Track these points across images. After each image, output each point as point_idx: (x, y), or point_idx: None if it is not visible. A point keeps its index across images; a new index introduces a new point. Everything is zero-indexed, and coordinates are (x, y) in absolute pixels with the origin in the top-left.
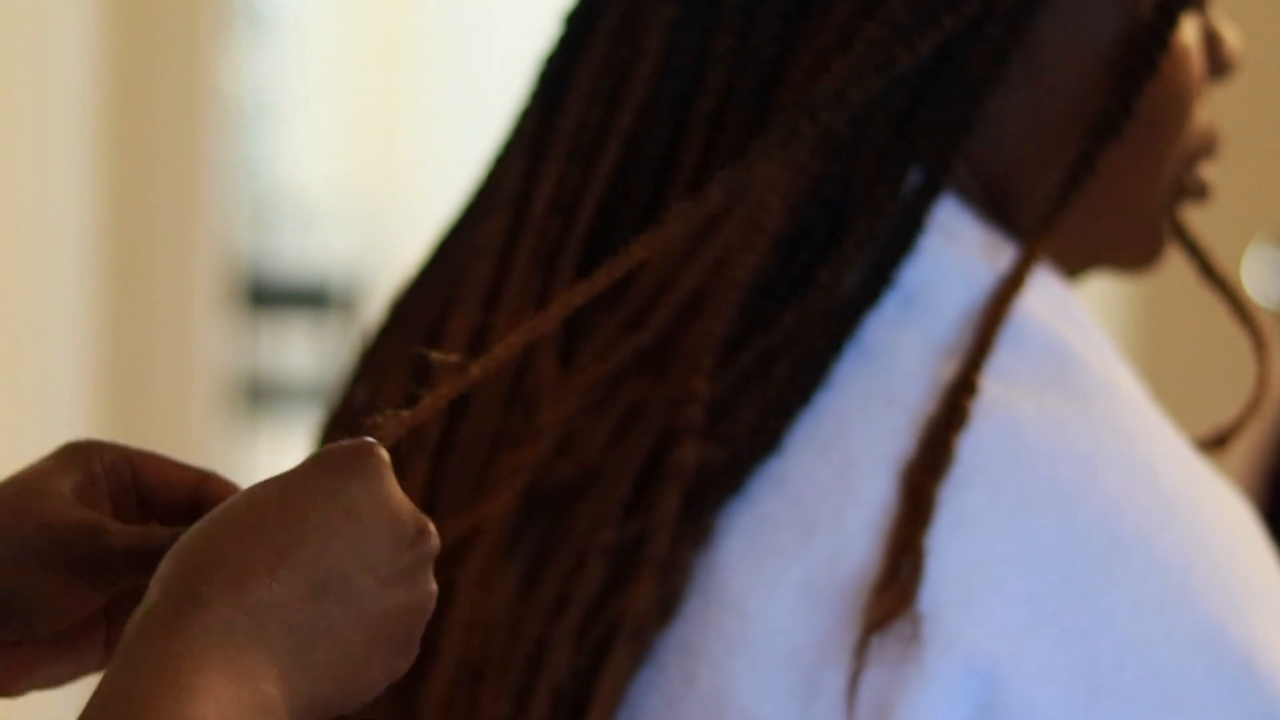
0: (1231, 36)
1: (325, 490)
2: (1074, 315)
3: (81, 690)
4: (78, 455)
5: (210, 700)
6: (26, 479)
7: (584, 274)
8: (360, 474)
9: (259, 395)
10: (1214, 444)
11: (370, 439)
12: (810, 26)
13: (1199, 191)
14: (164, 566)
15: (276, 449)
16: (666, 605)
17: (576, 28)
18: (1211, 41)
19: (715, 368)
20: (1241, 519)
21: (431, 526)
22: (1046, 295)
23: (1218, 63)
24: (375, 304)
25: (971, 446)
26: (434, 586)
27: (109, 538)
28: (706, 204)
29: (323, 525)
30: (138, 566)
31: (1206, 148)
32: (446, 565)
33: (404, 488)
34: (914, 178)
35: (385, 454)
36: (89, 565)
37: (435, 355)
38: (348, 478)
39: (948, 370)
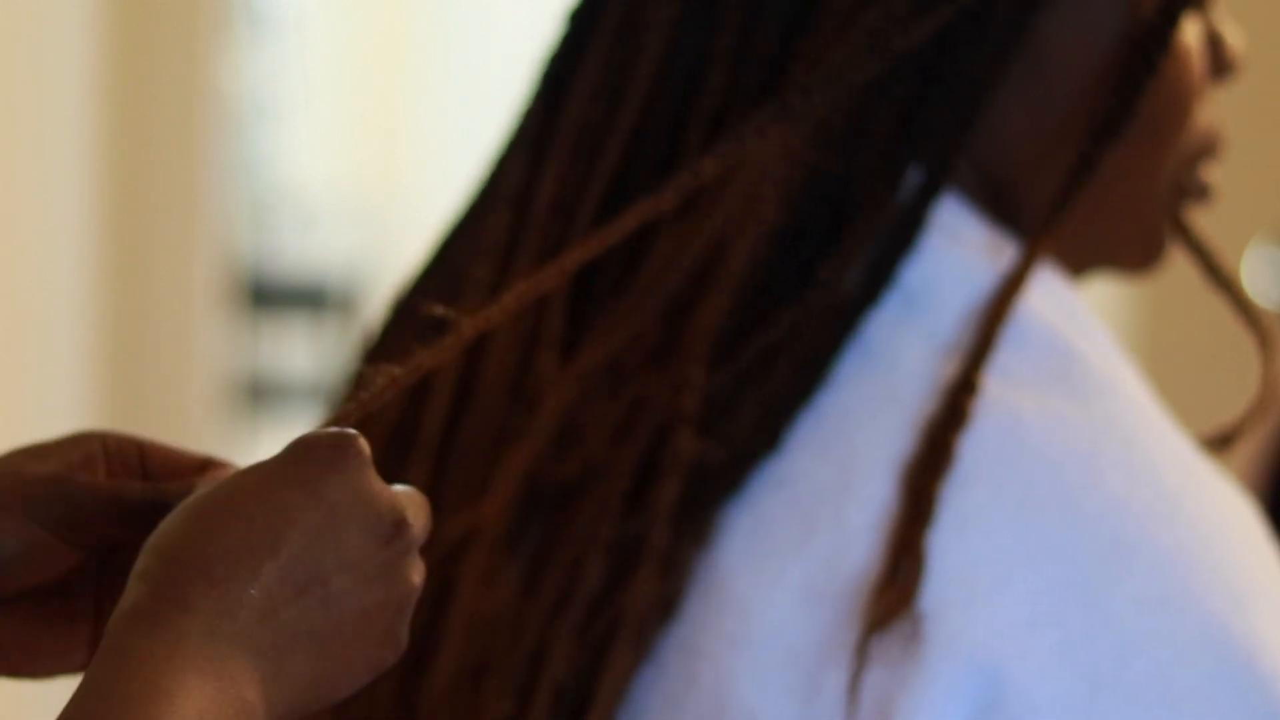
0: (1233, 37)
1: (304, 486)
2: (1077, 314)
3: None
4: (79, 436)
5: (190, 703)
6: (19, 448)
7: (586, 273)
8: (339, 468)
9: (259, 395)
10: (1218, 444)
11: (349, 430)
12: (811, 24)
13: (1200, 192)
14: (144, 561)
15: (276, 448)
16: (667, 604)
17: (578, 26)
18: (1213, 42)
19: (711, 357)
20: (1245, 519)
21: (410, 517)
22: (1049, 294)
23: (1219, 63)
24: (375, 304)
25: (973, 446)
26: (416, 578)
27: (76, 487)
28: (698, 177)
29: (302, 525)
30: (106, 520)
31: (1208, 148)
32: (448, 562)
33: (407, 484)
34: (915, 176)
35: (364, 446)
36: (59, 517)
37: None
38: (325, 472)
39: (949, 370)
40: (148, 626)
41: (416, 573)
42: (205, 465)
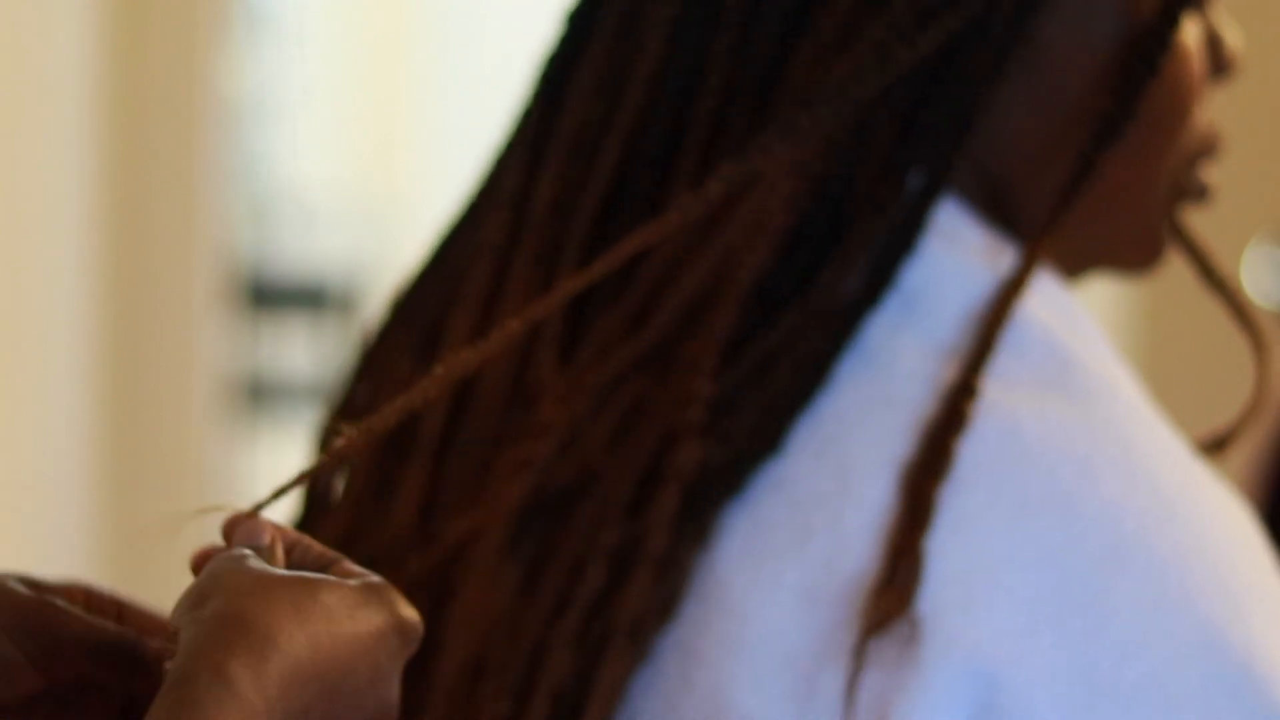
0: (1232, 37)
1: (384, 653)
2: (1075, 318)
3: None
4: (67, 581)
5: None
6: (9, 572)
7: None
8: (407, 650)
9: (258, 395)
10: (1214, 447)
11: (421, 623)
12: (811, 25)
13: (1199, 193)
14: (220, 630)
15: (276, 449)
16: (665, 606)
17: (577, 26)
18: (1212, 42)
19: (717, 368)
20: (1241, 522)
21: (394, 716)
22: (1047, 298)
23: (1218, 64)
24: (375, 304)
25: (971, 449)
26: None
27: (57, 614)
28: (705, 198)
29: (360, 687)
30: (80, 655)
31: (1207, 149)
32: (449, 564)
33: (406, 487)
34: (915, 179)
35: (420, 630)
36: (30, 637)
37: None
38: (401, 648)
39: (948, 373)
40: (228, 699)
41: None
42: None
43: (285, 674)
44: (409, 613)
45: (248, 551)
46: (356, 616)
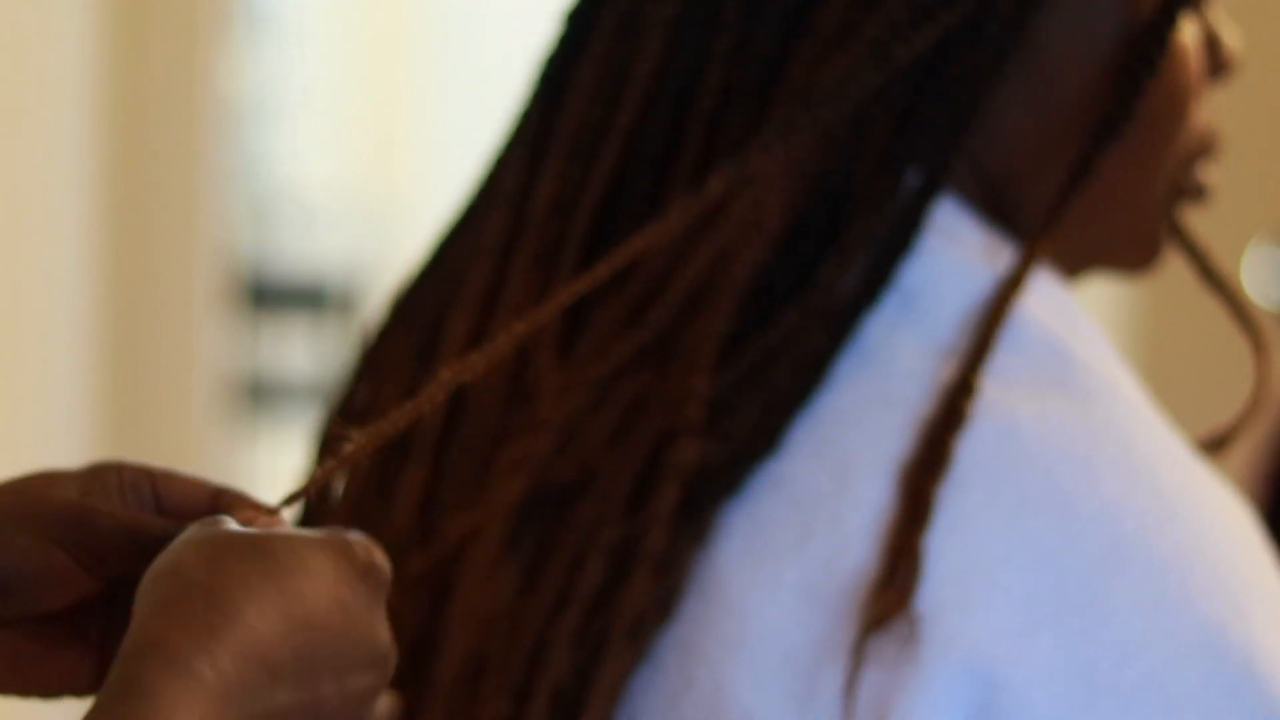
0: (1231, 37)
1: (339, 580)
2: (1074, 317)
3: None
4: (97, 466)
5: None
6: (38, 472)
7: (584, 272)
8: (371, 581)
9: (258, 395)
10: (1214, 446)
11: (383, 554)
12: (810, 24)
13: (1198, 193)
14: (166, 587)
15: (276, 449)
16: (665, 604)
17: (577, 26)
18: (1211, 42)
19: (715, 365)
20: (1241, 521)
21: (394, 658)
22: (1046, 297)
23: (1217, 64)
24: (375, 304)
25: (970, 448)
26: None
27: (99, 516)
28: (704, 198)
29: (326, 615)
30: (126, 552)
31: (1205, 149)
32: (448, 562)
33: (406, 484)
34: (913, 177)
35: (389, 575)
36: (82, 545)
37: (431, 358)
38: (359, 579)
39: (946, 371)
40: (166, 665)
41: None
42: (218, 496)
43: (243, 648)
44: (368, 553)
45: (219, 519)
46: (312, 571)
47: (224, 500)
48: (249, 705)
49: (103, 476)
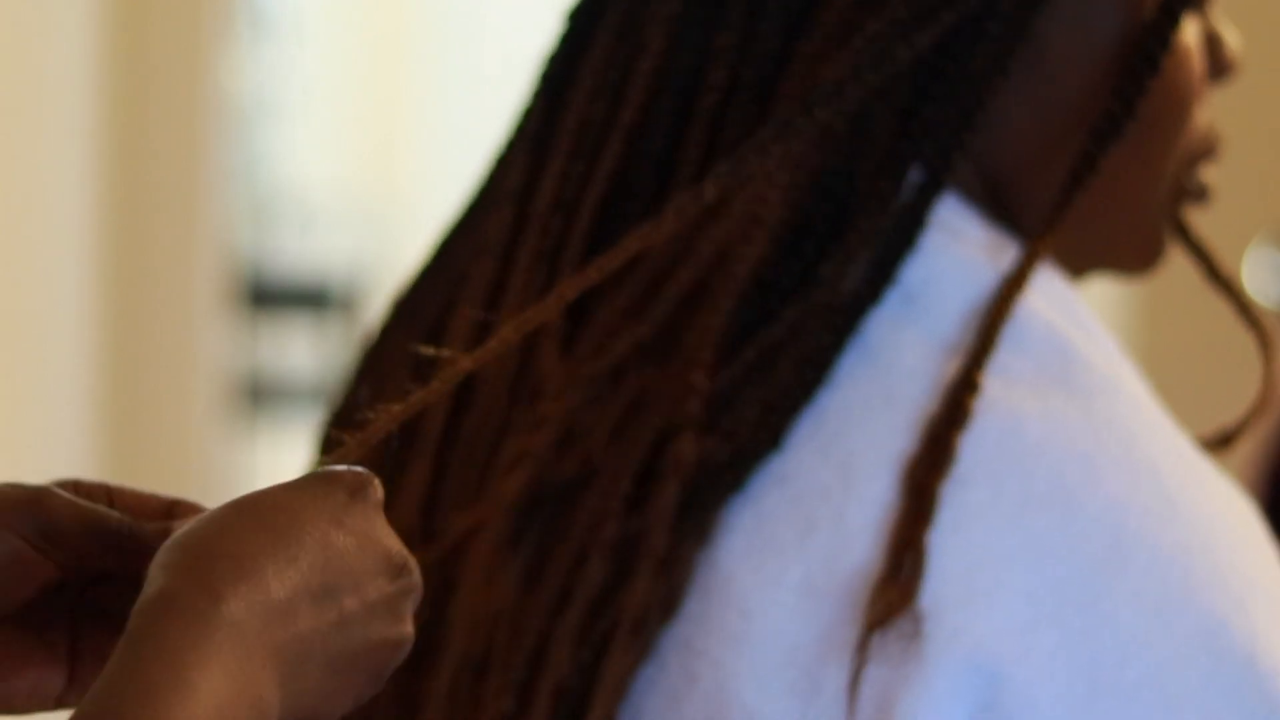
0: (1232, 38)
1: (327, 507)
2: (1077, 314)
3: None
4: (53, 482)
5: (211, 697)
6: None
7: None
8: (361, 499)
9: (259, 395)
10: (1218, 444)
11: (368, 472)
12: (812, 21)
13: (1199, 193)
14: (170, 554)
15: (276, 449)
16: (668, 602)
17: (579, 24)
18: (1212, 43)
19: (715, 361)
20: (1244, 518)
21: (414, 564)
22: (1050, 294)
23: (1218, 64)
24: (375, 304)
25: (973, 445)
26: (411, 629)
27: (54, 500)
28: (703, 197)
29: (324, 543)
30: (83, 539)
31: (1207, 149)
32: (450, 559)
33: (408, 482)
34: (916, 175)
35: (380, 490)
36: (36, 528)
37: (432, 351)
38: (348, 500)
39: (950, 368)
40: (177, 613)
41: (411, 622)
42: (172, 508)
43: (250, 589)
44: (354, 475)
45: None
46: (300, 504)
47: (180, 510)
48: (269, 635)
49: (59, 485)
